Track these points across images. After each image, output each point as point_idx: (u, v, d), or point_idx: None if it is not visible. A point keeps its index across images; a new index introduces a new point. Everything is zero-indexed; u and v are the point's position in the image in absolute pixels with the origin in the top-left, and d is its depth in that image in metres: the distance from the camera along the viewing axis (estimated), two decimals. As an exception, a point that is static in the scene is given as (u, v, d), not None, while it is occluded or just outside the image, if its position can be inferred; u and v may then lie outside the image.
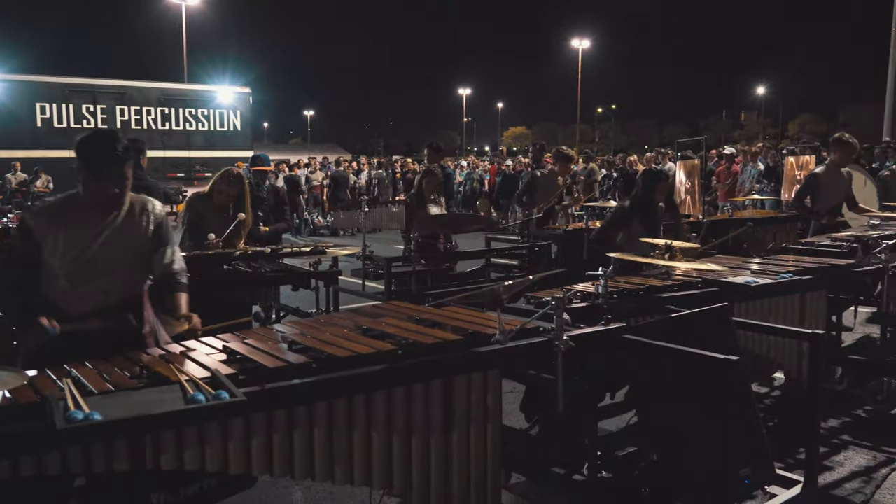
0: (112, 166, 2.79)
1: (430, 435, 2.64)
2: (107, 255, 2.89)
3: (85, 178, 2.81)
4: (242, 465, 2.26)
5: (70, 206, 2.89)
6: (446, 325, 2.91)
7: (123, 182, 2.83)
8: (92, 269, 2.86)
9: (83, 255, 2.84)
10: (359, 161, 22.65)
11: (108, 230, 2.89)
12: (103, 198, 2.84)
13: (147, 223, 3.01)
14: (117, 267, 2.93)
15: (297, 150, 67.98)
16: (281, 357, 2.44)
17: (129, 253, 2.96)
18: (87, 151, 2.80)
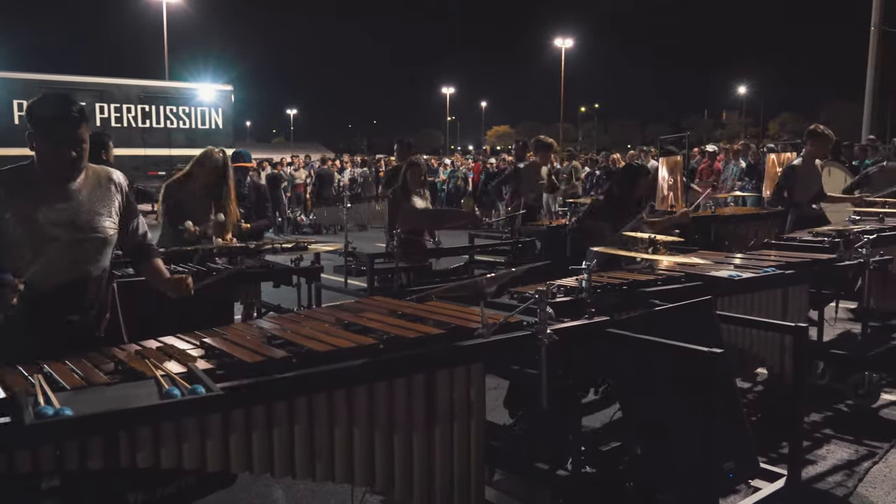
0: (67, 129, 2.62)
1: (412, 430, 2.60)
2: (73, 225, 2.73)
3: (38, 143, 2.65)
4: (220, 463, 2.21)
5: (26, 177, 2.71)
6: (429, 319, 2.88)
7: (80, 145, 2.66)
8: (58, 242, 2.69)
9: (46, 226, 2.67)
10: (342, 160, 22.55)
11: (73, 199, 2.73)
12: (60, 164, 2.67)
13: (117, 194, 2.88)
14: (84, 238, 2.77)
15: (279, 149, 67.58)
16: (260, 351, 2.39)
17: (97, 224, 2.79)
18: (40, 114, 2.64)
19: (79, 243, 2.75)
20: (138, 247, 3.01)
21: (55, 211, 2.69)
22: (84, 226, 2.76)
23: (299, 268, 4.73)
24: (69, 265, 2.74)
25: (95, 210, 2.80)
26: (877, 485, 3.61)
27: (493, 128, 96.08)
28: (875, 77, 16.02)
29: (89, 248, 2.79)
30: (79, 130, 2.65)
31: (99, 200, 2.82)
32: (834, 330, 6.11)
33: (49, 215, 2.68)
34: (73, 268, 2.76)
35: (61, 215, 2.70)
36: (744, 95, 78.34)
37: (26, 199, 2.66)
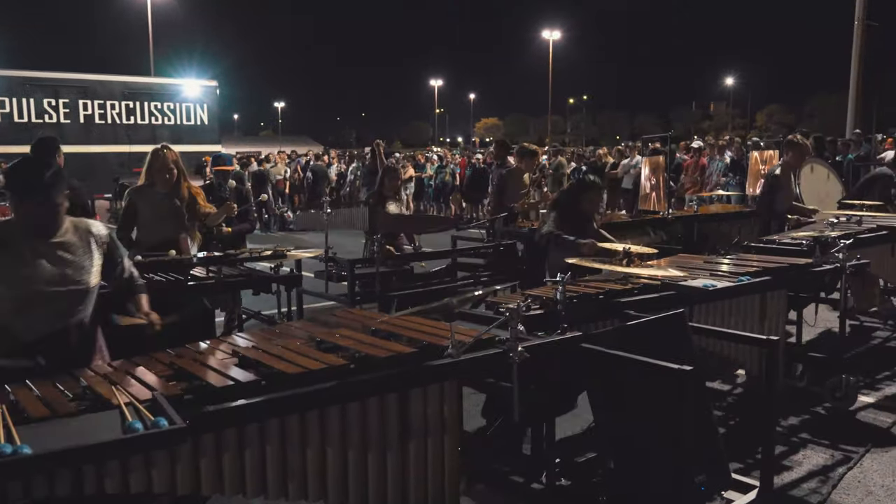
0: (41, 192, 2.72)
1: (386, 448, 2.61)
2: (53, 279, 2.80)
3: (15, 206, 2.77)
4: (190, 486, 2.21)
5: (8, 233, 2.80)
6: (402, 335, 2.88)
7: (55, 209, 2.77)
8: (40, 295, 2.78)
9: (28, 281, 2.76)
10: (329, 154, 22.48)
11: (52, 254, 2.82)
12: (35, 224, 2.79)
13: (95, 247, 2.96)
14: (66, 290, 2.84)
15: (267, 143, 67.28)
16: (228, 375, 2.39)
17: (77, 276, 2.87)
18: (14, 180, 2.75)
19: (60, 296, 2.82)
20: (123, 286, 3.16)
21: (35, 266, 2.77)
22: (65, 279, 2.83)
23: (279, 275, 4.71)
24: (51, 317, 2.82)
25: (76, 263, 2.87)
26: (850, 491, 3.65)
27: (482, 120, 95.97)
28: (859, 71, 16.09)
29: (70, 300, 2.86)
30: (52, 195, 2.74)
31: (79, 254, 2.89)
32: (815, 329, 6.16)
33: (29, 271, 2.76)
34: (55, 319, 2.83)
35: (42, 270, 2.78)
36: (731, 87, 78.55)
37: (8, 255, 2.75)
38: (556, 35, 54.32)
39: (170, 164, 4.86)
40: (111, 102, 20.36)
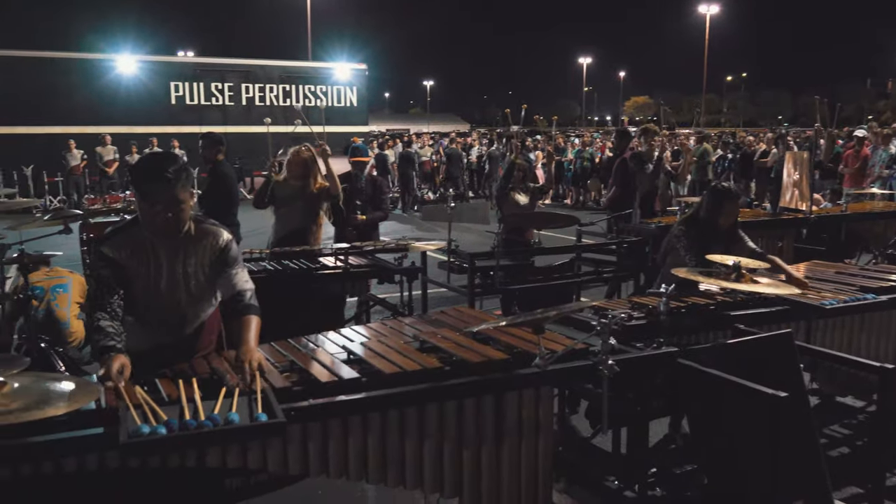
0: (161, 190, 2.65)
1: (481, 445, 2.75)
2: (175, 278, 2.85)
3: (139, 203, 2.72)
4: (300, 467, 2.47)
5: (134, 233, 2.81)
6: (500, 339, 3.01)
7: (177, 206, 2.69)
8: (160, 297, 2.85)
9: (152, 279, 2.82)
10: (469, 136, 22.76)
11: (174, 254, 2.83)
12: (156, 224, 2.71)
13: (210, 251, 2.89)
14: (184, 294, 2.89)
15: (416, 121, 68.86)
16: (334, 371, 2.63)
17: (197, 275, 2.89)
18: (137, 176, 2.71)
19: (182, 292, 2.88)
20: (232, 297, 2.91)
21: (159, 264, 2.82)
22: (186, 277, 2.87)
23: (401, 267, 5.01)
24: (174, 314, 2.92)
25: (196, 263, 2.87)
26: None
27: (632, 98, 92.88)
28: None
29: (192, 296, 2.92)
30: (173, 191, 2.66)
31: (195, 258, 2.87)
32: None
33: (153, 269, 2.81)
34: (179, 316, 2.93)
35: (164, 269, 2.83)
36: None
37: (132, 258, 2.78)
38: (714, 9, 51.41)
39: (306, 163, 5.34)
40: (270, 86, 21.73)
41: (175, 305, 2.90)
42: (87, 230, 5.59)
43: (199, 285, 2.91)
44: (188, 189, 2.75)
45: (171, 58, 24.88)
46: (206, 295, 2.97)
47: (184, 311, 2.93)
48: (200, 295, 2.94)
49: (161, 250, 2.82)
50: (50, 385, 2.06)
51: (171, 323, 2.93)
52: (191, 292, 2.90)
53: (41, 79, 18.45)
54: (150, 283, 2.82)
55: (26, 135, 18.07)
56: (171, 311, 2.90)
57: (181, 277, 2.86)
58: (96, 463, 2.13)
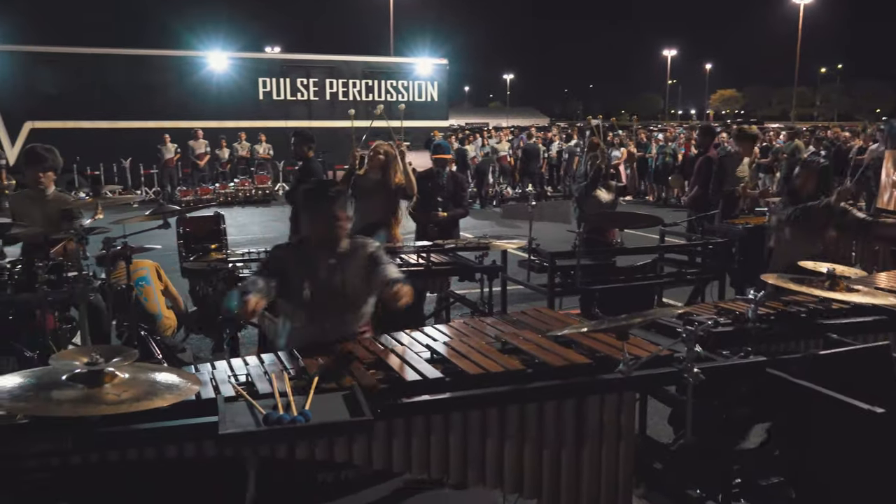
0: (323, 207, 3.25)
1: (561, 447, 2.77)
2: (333, 288, 3.28)
3: (305, 221, 3.36)
4: (383, 462, 2.55)
5: (304, 246, 3.36)
6: (581, 342, 3.00)
7: (334, 221, 3.27)
8: (322, 302, 3.27)
9: (313, 288, 3.25)
10: (550, 131, 22.57)
11: (333, 267, 3.30)
12: (322, 236, 3.30)
13: (363, 259, 3.37)
14: (343, 299, 3.32)
15: (495, 114, 68.75)
16: (419, 370, 2.69)
17: (351, 286, 3.33)
18: (308, 197, 3.34)
19: (339, 302, 3.31)
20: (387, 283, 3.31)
21: (319, 275, 3.27)
22: (343, 287, 3.31)
23: (482, 266, 5.05)
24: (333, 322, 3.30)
25: (351, 276, 3.33)
26: None
27: (718, 91, 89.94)
28: None
29: (347, 306, 3.34)
30: (333, 208, 3.25)
31: (354, 268, 3.34)
32: None
33: (315, 281, 3.26)
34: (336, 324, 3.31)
35: (324, 279, 3.28)
36: None
37: (298, 266, 3.28)
38: (808, -3, 49.10)
39: (386, 157, 5.45)
40: (353, 81, 22.12)
41: (335, 309, 3.31)
42: (184, 224, 5.86)
43: (355, 290, 3.34)
44: (346, 209, 3.32)
45: (259, 54, 25.66)
46: (361, 299, 3.39)
47: (343, 313, 3.34)
48: (356, 298, 3.37)
49: (322, 261, 3.29)
50: (155, 376, 2.20)
51: (334, 324, 3.30)
52: (347, 297, 3.33)
53: (138, 76, 19.35)
54: (313, 290, 3.24)
55: (124, 129, 19.00)
56: (333, 314, 3.30)
57: (339, 284, 3.30)
58: (193, 451, 2.27)
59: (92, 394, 2.00)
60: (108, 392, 2.02)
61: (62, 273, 4.15)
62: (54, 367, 2.11)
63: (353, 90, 22.05)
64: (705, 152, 7.64)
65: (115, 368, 2.09)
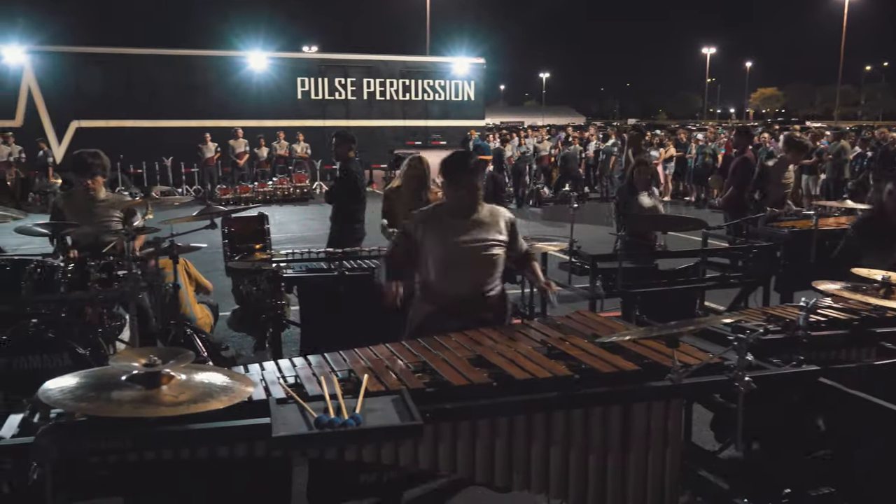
0: (465, 178, 3.47)
1: (607, 453, 2.76)
2: (468, 252, 3.50)
3: (447, 188, 3.56)
4: (430, 465, 2.56)
5: (439, 213, 3.59)
6: (629, 349, 2.98)
7: (475, 192, 3.52)
8: (456, 264, 3.50)
9: (449, 252, 3.49)
10: (587, 130, 22.41)
11: (470, 231, 3.52)
12: (461, 204, 3.52)
13: (502, 226, 3.62)
14: (478, 262, 3.54)
15: (531, 113, 68.51)
16: (465, 375, 2.69)
17: (486, 250, 3.55)
18: (448, 167, 3.54)
19: (474, 263, 3.54)
20: (522, 256, 3.80)
21: (456, 240, 3.50)
22: (478, 250, 3.54)
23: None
24: (467, 281, 3.55)
25: (487, 239, 3.56)
26: None
27: (758, 90, 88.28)
28: None
29: (483, 269, 3.57)
30: (474, 180, 3.50)
31: (489, 232, 3.57)
32: None
33: (452, 241, 3.50)
34: (471, 283, 3.56)
35: (461, 241, 3.51)
36: None
37: (437, 231, 3.53)
38: (855, -6, 47.97)
39: (419, 173, 5.46)
40: (391, 80, 22.22)
41: (465, 272, 3.53)
42: (229, 224, 5.95)
43: (485, 255, 3.55)
44: (482, 179, 3.56)
45: (298, 54, 25.94)
46: (491, 264, 3.59)
47: (472, 275, 3.55)
48: (485, 263, 3.57)
49: (453, 227, 3.52)
50: (210, 378, 2.24)
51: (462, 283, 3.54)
52: (478, 261, 3.54)
53: (181, 76, 19.69)
54: (440, 252, 3.51)
55: (166, 128, 19.34)
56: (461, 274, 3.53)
57: (469, 249, 3.52)
58: (244, 451, 2.31)
59: (150, 395, 2.04)
60: (165, 393, 2.07)
61: (112, 272, 4.24)
62: (112, 368, 2.16)
63: (391, 89, 22.16)
64: (742, 153, 7.56)
65: (171, 370, 2.13)
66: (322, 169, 19.71)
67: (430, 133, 22.52)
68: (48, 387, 2.06)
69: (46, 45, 19.47)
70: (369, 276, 4.89)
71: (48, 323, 4.17)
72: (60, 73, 18.72)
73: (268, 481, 2.69)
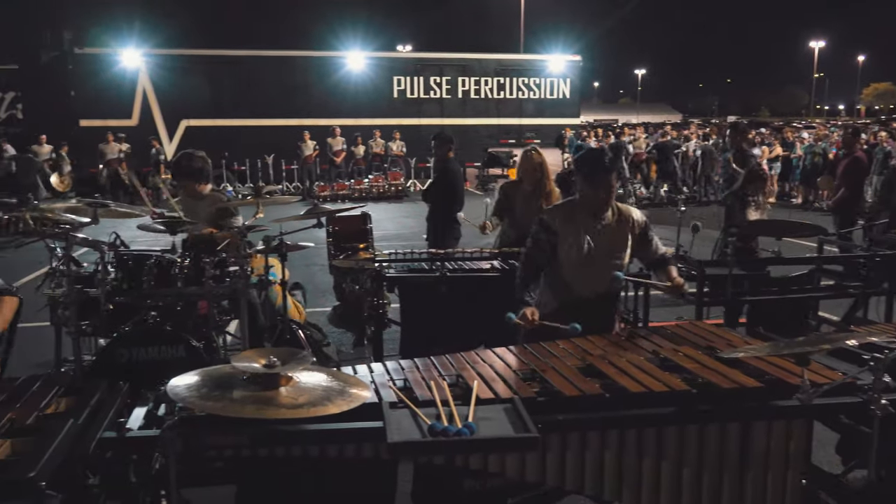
0: (603, 176, 3.41)
1: (723, 472, 2.65)
2: (599, 250, 3.49)
3: (582, 185, 3.50)
4: (537, 475, 2.51)
5: (574, 209, 3.55)
6: (748, 364, 2.84)
7: (609, 190, 3.45)
8: (588, 261, 3.49)
9: (582, 249, 3.47)
10: (686, 128, 21.71)
11: (600, 230, 3.50)
12: (595, 202, 3.47)
13: (632, 228, 3.58)
14: (606, 260, 3.51)
15: (625, 111, 67.05)
16: (577, 385, 2.62)
17: (616, 250, 3.54)
18: (584, 164, 3.49)
19: (600, 266, 3.49)
20: (656, 261, 3.73)
21: (590, 239, 3.48)
22: (605, 253, 3.51)
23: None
24: (594, 283, 3.52)
25: (614, 242, 3.54)
26: None
27: (871, 85, 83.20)
28: None
29: (609, 271, 3.49)
30: (609, 178, 3.43)
31: (618, 235, 3.54)
32: None
33: (587, 241, 3.48)
34: (597, 286, 3.53)
35: (590, 242, 3.48)
36: None
37: (571, 226, 3.51)
38: None
39: (536, 166, 5.36)
40: (485, 79, 22.22)
41: (592, 268, 3.49)
42: (333, 223, 6.07)
43: (614, 257, 3.53)
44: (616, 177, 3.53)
45: (395, 53, 26.32)
46: (617, 267, 3.54)
47: (600, 273, 3.50)
48: (612, 266, 3.51)
49: (585, 224, 3.50)
50: (327, 381, 2.27)
51: (590, 282, 3.53)
52: (606, 263, 3.50)
53: (282, 76, 20.33)
54: (574, 249, 3.49)
55: (267, 127, 20.01)
56: (590, 272, 3.50)
57: (601, 249, 3.50)
58: (353, 452, 2.33)
59: (270, 396, 2.08)
60: (284, 395, 2.10)
61: (225, 269, 4.39)
62: (233, 367, 2.21)
63: (485, 88, 22.16)
64: (851, 153, 7.16)
65: (289, 371, 2.17)
66: (416, 167, 19.91)
67: (523, 131, 22.39)
68: (175, 383, 2.14)
69: (160, 49, 20.48)
70: (471, 278, 4.88)
71: (165, 316, 4.36)
72: (172, 74, 19.67)
73: (374, 480, 2.72)
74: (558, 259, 3.54)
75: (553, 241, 3.53)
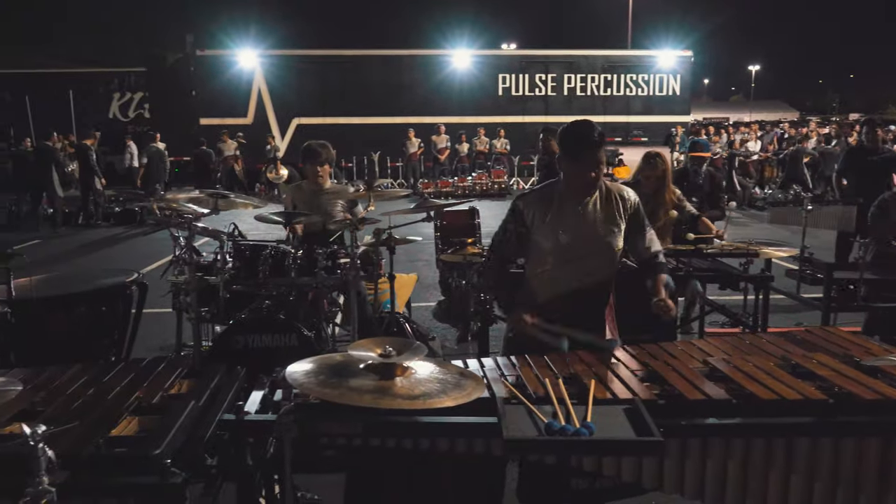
0: (589, 152, 2.95)
1: (859, 490, 2.44)
2: (585, 237, 3.08)
3: (566, 164, 3.03)
4: (654, 481, 2.40)
5: (554, 192, 3.12)
6: (891, 373, 2.61)
7: (598, 167, 2.99)
8: (572, 250, 3.08)
9: (564, 236, 3.07)
10: (806, 127, 20.57)
11: (586, 214, 3.08)
12: (581, 182, 3.02)
13: (621, 210, 3.14)
14: (594, 249, 3.10)
15: (736, 109, 64.16)
16: (700, 388, 2.49)
17: (604, 237, 3.11)
18: (567, 139, 3.01)
19: (589, 253, 3.10)
20: (647, 261, 3.24)
21: (570, 223, 3.08)
22: (593, 238, 3.10)
23: (747, 274, 4.63)
24: (579, 272, 3.11)
25: (604, 224, 3.11)
26: None
27: None
28: None
29: (597, 258, 3.13)
30: (598, 154, 2.98)
31: (606, 215, 3.12)
32: None
33: (565, 226, 3.07)
34: (583, 275, 3.12)
35: (575, 227, 3.08)
36: None
37: (550, 211, 3.09)
38: None
39: (660, 174, 5.13)
40: (592, 76, 21.83)
41: (579, 257, 3.10)
42: (441, 217, 6.08)
43: (602, 240, 3.11)
44: (605, 153, 3.05)
45: (500, 51, 26.26)
46: (608, 250, 3.14)
47: (586, 262, 3.11)
48: (602, 249, 3.13)
49: (567, 210, 3.09)
50: (442, 373, 2.24)
51: (575, 273, 3.12)
52: (593, 246, 3.10)
53: (389, 75, 20.69)
54: (555, 237, 3.08)
55: (374, 125, 20.41)
56: (575, 262, 3.10)
57: (585, 232, 3.08)
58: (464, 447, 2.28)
59: (386, 386, 2.07)
60: (400, 385, 2.09)
61: (336, 260, 4.47)
62: (350, 356, 2.22)
63: (592, 85, 21.77)
64: None
65: (406, 362, 2.15)
66: (520, 165, 19.80)
67: (630, 129, 21.84)
68: (294, 369, 2.16)
69: (274, 49, 21.27)
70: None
71: (279, 305, 4.48)
72: (285, 74, 20.39)
73: (483, 476, 2.67)
74: (538, 251, 3.14)
75: (522, 232, 3.13)
